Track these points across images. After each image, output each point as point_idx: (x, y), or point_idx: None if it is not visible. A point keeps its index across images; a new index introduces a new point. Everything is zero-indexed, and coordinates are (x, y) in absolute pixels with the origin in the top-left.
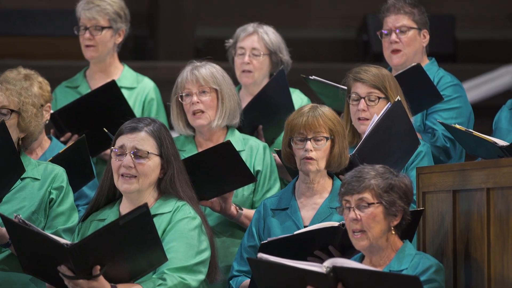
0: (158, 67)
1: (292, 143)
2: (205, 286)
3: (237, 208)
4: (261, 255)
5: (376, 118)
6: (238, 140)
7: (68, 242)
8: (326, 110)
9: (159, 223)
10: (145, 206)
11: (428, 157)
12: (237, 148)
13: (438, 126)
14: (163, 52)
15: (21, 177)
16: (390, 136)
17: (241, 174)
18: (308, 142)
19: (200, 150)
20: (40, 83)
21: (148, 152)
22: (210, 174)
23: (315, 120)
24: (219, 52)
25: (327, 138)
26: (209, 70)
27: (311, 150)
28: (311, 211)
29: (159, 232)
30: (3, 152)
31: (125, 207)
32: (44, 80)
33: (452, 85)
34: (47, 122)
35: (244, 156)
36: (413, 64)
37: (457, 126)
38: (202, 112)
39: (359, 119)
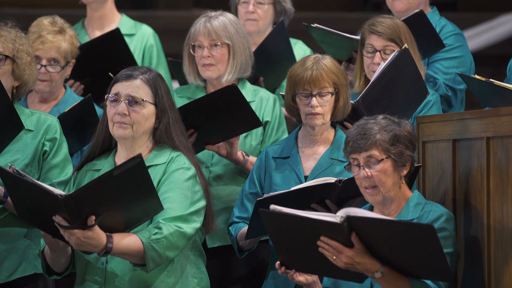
0: (157, 17)
1: (296, 98)
2: (201, 235)
3: (244, 154)
4: (273, 206)
5: (382, 65)
6: (248, 91)
7: (62, 192)
8: (328, 62)
9: (154, 174)
10: (139, 156)
11: (437, 107)
12: (248, 99)
13: (440, 75)
14: (162, 1)
15: (19, 133)
16: (397, 83)
17: (247, 118)
18: (313, 99)
19: None
20: (72, 38)
21: (142, 100)
22: (216, 118)
23: (319, 75)
24: (218, 1)
25: (332, 93)
26: (222, 22)
27: (317, 106)
28: (312, 161)
29: (154, 183)
30: (0, 109)
31: (120, 157)
32: (75, 35)
33: (454, 34)
34: (67, 77)
35: (253, 107)
36: (416, 11)
37: (477, 76)
38: (212, 65)
39: (373, 72)
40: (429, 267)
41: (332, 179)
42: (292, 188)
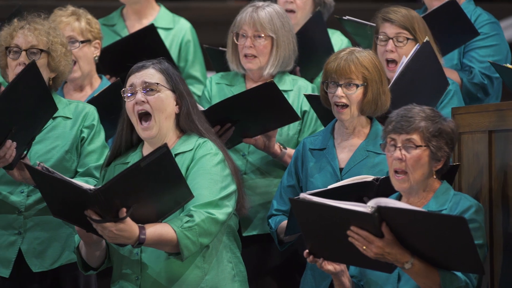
0: (191, 8)
1: (325, 87)
2: (235, 220)
3: (281, 147)
4: (303, 195)
5: (404, 60)
6: (287, 80)
7: (92, 187)
8: (363, 55)
9: (182, 162)
10: (165, 146)
11: (458, 96)
12: (286, 88)
13: (475, 63)
14: None
15: (53, 116)
16: (419, 77)
17: (285, 113)
18: (339, 88)
19: (248, 88)
20: (89, 19)
21: (157, 84)
22: (254, 113)
23: (347, 66)
24: None
25: (357, 85)
26: (268, 14)
27: (342, 96)
28: (347, 153)
29: (183, 171)
30: (35, 91)
31: (147, 149)
32: (94, 18)
33: (489, 22)
34: (96, 58)
35: (292, 96)
36: (448, 0)
37: (509, 65)
38: (254, 56)
39: (386, 60)
40: (460, 259)
41: (369, 177)
42: (329, 186)
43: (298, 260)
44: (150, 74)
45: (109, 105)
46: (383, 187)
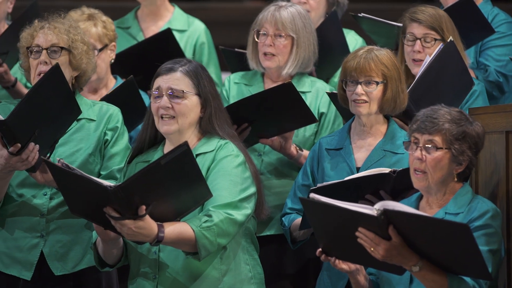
0: (208, 8)
1: (344, 86)
2: (253, 223)
3: (297, 148)
4: (313, 195)
5: (428, 59)
6: (305, 81)
7: (112, 184)
8: (381, 53)
9: (203, 162)
10: (186, 144)
11: (483, 96)
12: (304, 89)
13: (491, 62)
14: None
15: (77, 118)
16: (443, 76)
17: (302, 115)
18: (359, 86)
19: (266, 88)
20: (104, 22)
21: (183, 91)
22: (271, 113)
23: (367, 64)
24: None
25: (377, 83)
26: (290, 14)
27: (362, 93)
28: (364, 152)
29: (203, 171)
30: (59, 94)
31: (169, 147)
32: (108, 19)
33: (506, 22)
34: (112, 61)
35: (309, 97)
36: None
37: None
38: (273, 55)
39: (413, 60)
40: (466, 265)
41: (386, 170)
42: (346, 178)
43: (316, 260)
44: (177, 79)
45: (122, 103)
46: (400, 179)
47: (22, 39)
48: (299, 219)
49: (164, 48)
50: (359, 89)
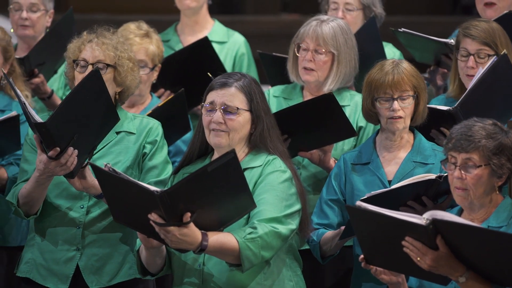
0: (245, 21)
1: (376, 103)
2: (297, 239)
3: (336, 161)
4: (359, 203)
5: (480, 71)
6: (344, 95)
7: (158, 189)
8: (407, 66)
9: (250, 177)
10: (233, 151)
11: None
12: (344, 103)
13: None
14: (250, 5)
15: (117, 131)
16: (495, 89)
17: (342, 127)
18: (395, 102)
19: None
20: (158, 42)
21: (237, 108)
22: (311, 126)
23: (400, 79)
24: (306, 6)
25: (413, 96)
26: (332, 30)
27: (398, 110)
28: (393, 165)
29: (250, 186)
30: (98, 99)
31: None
32: (160, 40)
33: None
34: (155, 81)
35: (348, 111)
36: (506, 12)
37: None
38: (312, 70)
39: (467, 75)
40: None
41: (432, 176)
42: (393, 187)
43: (351, 274)
44: (231, 94)
45: (169, 117)
46: (444, 184)
47: (69, 51)
48: (329, 233)
49: (202, 57)
50: (396, 105)
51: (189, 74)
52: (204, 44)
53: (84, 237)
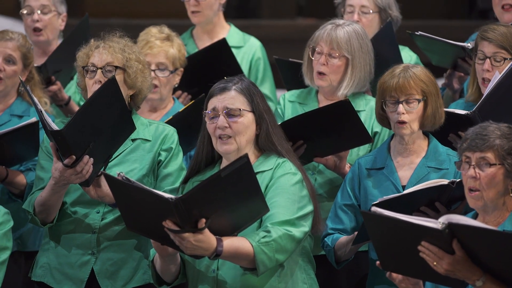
0: (261, 25)
1: (384, 106)
2: (310, 241)
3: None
4: (375, 208)
5: (498, 76)
6: (360, 100)
7: (173, 196)
8: (418, 70)
9: (261, 180)
10: (245, 156)
11: None
12: (359, 108)
13: None
14: (266, 10)
15: (132, 138)
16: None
17: (358, 133)
18: (400, 105)
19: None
20: (180, 46)
21: (240, 109)
22: (327, 132)
23: (406, 82)
24: (322, 10)
25: (419, 100)
26: (347, 34)
27: (403, 113)
28: (408, 170)
29: (262, 189)
30: (114, 108)
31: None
32: (182, 44)
33: None
34: (176, 85)
35: (363, 116)
36: None
37: None
38: (325, 74)
39: (483, 79)
40: None
41: (445, 181)
42: (405, 192)
43: (366, 280)
44: (231, 97)
45: (188, 123)
46: (457, 190)
47: (78, 59)
48: (343, 238)
49: (220, 58)
50: (401, 108)
51: (207, 75)
52: (222, 46)
53: (99, 242)
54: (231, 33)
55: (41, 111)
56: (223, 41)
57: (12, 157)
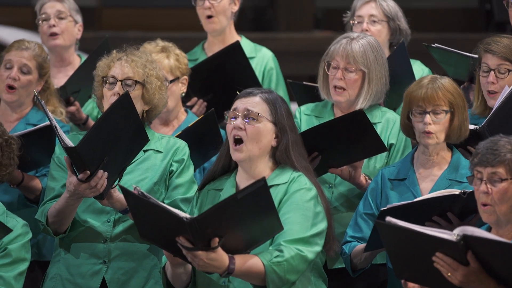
0: (277, 38)
1: (411, 116)
2: (322, 257)
3: (367, 177)
4: (389, 219)
5: (507, 90)
6: (376, 112)
7: (188, 215)
8: (445, 82)
9: (275, 194)
10: (263, 180)
11: None
12: (375, 120)
13: None
14: (282, 22)
15: (144, 149)
16: None
17: (372, 143)
18: (427, 116)
19: None
20: (177, 55)
21: (258, 114)
22: (342, 142)
23: (434, 93)
24: (339, 23)
25: (446, 111)
26: (362, 47)
27: (430, 124)
28: (429, 182)
29: (275, 203)
30: (128, 122)
31: (241, 178)
32: (182, 53)
33: None
34: (183, 94)
35: (379, 128)
36: None
37: None
38: (343, 89)
39: (488, 91)
40: None
41: (456, 191)
42: (416, 199)
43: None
44: (254, 102)
45: (201, 136)
46: (469, 201)
47: (99, 68)
48: (360, 246)
49: (233, 63)
50: (428, 118)
51: (221, 81)
52: (235, 49)
53: (110, 250)
54: (242, 44)
55: (55, 127)
56: (237, 44)
57: (27, 161)
